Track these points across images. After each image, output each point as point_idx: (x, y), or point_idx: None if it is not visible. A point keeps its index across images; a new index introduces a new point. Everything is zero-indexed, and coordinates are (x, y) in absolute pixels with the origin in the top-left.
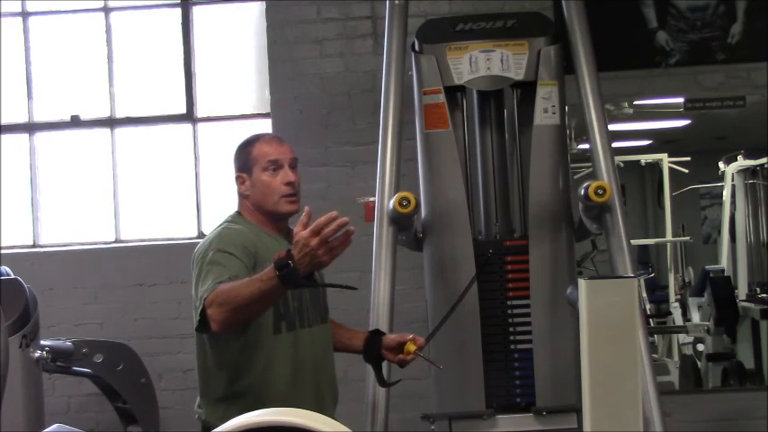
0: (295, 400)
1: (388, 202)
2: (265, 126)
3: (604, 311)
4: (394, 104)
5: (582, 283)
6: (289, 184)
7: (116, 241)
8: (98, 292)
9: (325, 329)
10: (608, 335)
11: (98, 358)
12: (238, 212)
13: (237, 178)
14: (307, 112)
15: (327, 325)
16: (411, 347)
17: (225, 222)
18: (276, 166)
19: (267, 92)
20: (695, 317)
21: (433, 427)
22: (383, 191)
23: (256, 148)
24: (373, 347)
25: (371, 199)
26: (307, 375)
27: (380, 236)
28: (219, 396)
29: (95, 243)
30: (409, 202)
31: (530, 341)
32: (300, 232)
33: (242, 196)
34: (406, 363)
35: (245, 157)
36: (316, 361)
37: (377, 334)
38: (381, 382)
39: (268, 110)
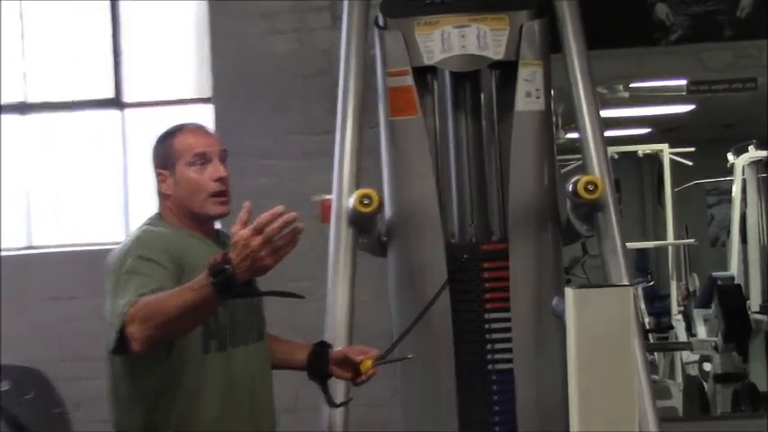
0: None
1: (347, 200)
2: (206, 112)
3: (596, 325)
4: (354, 87)
5: (570, 292)
6: (219, 180)
7: (27, 247)
8: (3, 307)
9: (262, 347)
10: (600, 352)
11: (3, 386)
12: (159, 214)
13: (157, 176)
14: (254, 96)
15: (265, 342)
16: (367, 364)
17: (144, 225)
18: (203, 159)
19: (208, 73)
20: (701, 331)
21: None
22: (341, 187)
23: (179, 140)
24: (319, 362)
25: (328, 197)
26: (241, 401)
27: (338, 239)
28: (137, 430)
29: (2, 249)
30: (371, 200)
31: (510, 360)
32: (240, 231)
33: (163, 196)
34: (365, 381)
35: (166, 150)
36: (252, 384)
37: (322, 346)
38: (330, 402)
39: (209, 94)
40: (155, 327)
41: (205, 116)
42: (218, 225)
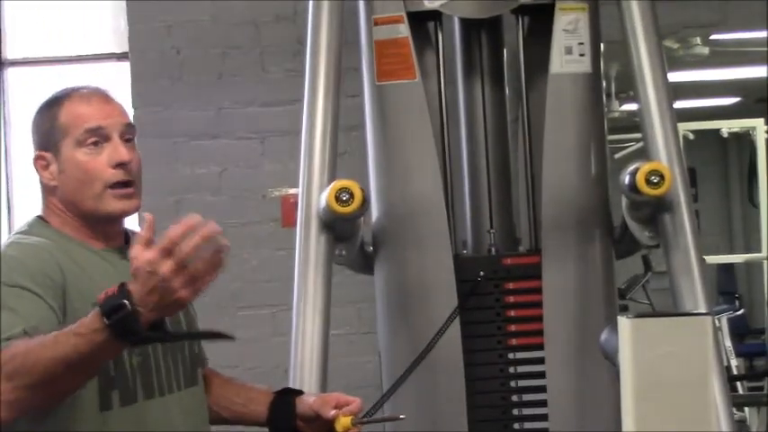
0: None
1: (319, 195)
2: (120, 73)
3: (661, 368)
4: (327, 42)
5: (625, 323)
6: (120, 165)
7: None
8: None
9: (193, 395)
10: (665, 405)
11: None
12: (40, 217)
13: (37, 160)
14: (188, 52)
15: (198, 388)
16: (345, 422)
17: (16, 235)
18: (99, 137)
19: (123, 21)
20: None
21: None
22: (310, 178)
23: (66, 111)
24: (283, 416)
25: (292, 191)
26: None
27: (306, 250)
28: None
29: None
30: (352, 195)
31: (543, 416)
32: (142, 254)
33: (46, 189)
34: None
35: (49, 124)
36: None
37: (287, 395)
38: None
39: (125, 48)
40: (25, 387)
41: (119, 78)
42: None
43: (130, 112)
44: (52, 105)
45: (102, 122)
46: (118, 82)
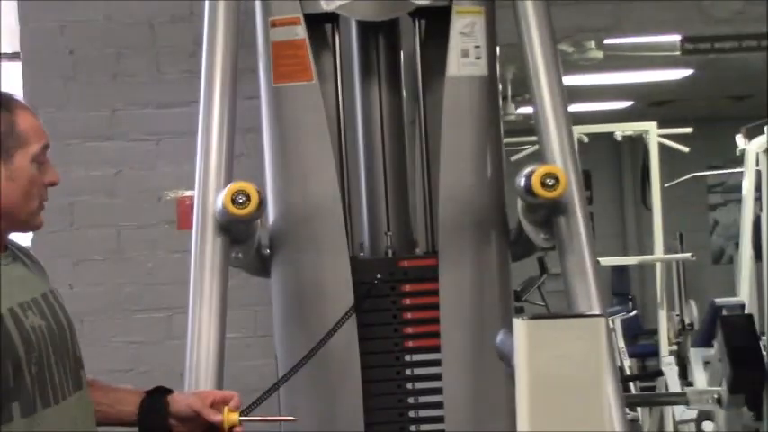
0: None
1: (215, 197)
2: (11, 73)
3: (555, 369)
4: (224, 43)
5: (520, 324)
6: (51, 185)
7: None
8: None
9: (84, 398)
10: (559, 406)
11: None
12: None
13: None
14: (82, 52)
15: (86, 391)
16: (232, 417)
17: None
18: (43, 158)
19: (14, 20)
20: (700, 379)
21: None
22: (206, 180)
23: (23, 120)
24: (153, 416)
25: (187, 193)
26: None
27: (202, 252)
28: None
29: None
30: (248, 197)
31: (440, 417)
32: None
33: None
34: None
35: (8, 128)
36: None
37: (159, 394)
38: None
39: (17, 48)
40: None
41: (10, 78)
42: None
43: None
44: (6, 109)
45: (48, 142)
46: (9, 82)
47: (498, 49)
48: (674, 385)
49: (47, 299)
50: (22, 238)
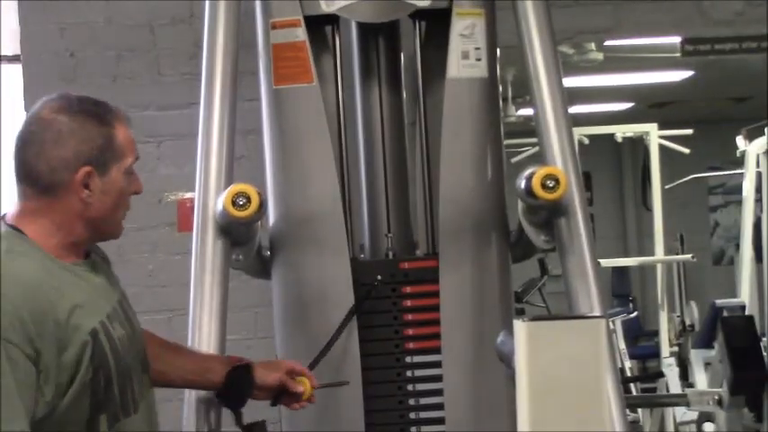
0: None
1: (215, 199)
2: (11, 76)
3: (556, 371)
4: (224, 45)
5: (521, 326)
6: (135, 194)
7: None
8: None
9: (149, 403)
10: (560, 407)
11: None
12: (17, 231)
13: (86, 174)
14: (82, 55)
15: (151, 394)
16: (308, 386)
17: (4, 254)
18: (132, 168)
19: (14, 22)
20: (700, 380)
21: None
22: (207, 182)
23: (120, 134)
24: (238, 388)
25: (188, 195)
26: None
27: (202, 254)
28: None
29: None
30: (249, 199)
31: (441, 419)
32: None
33: (63, 201)
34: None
35: (104, 143)
36: None
37: (246, 367)
38: (248, 427)
39: (17, 50)
40: None
41: (10, 81)
42: None
43: (23, 115)
44: (102, 121)
45: (138, 153)
46: (9, 84)
47: (498, 50)
48: (675, 386)
49: (122, 305)
50: None
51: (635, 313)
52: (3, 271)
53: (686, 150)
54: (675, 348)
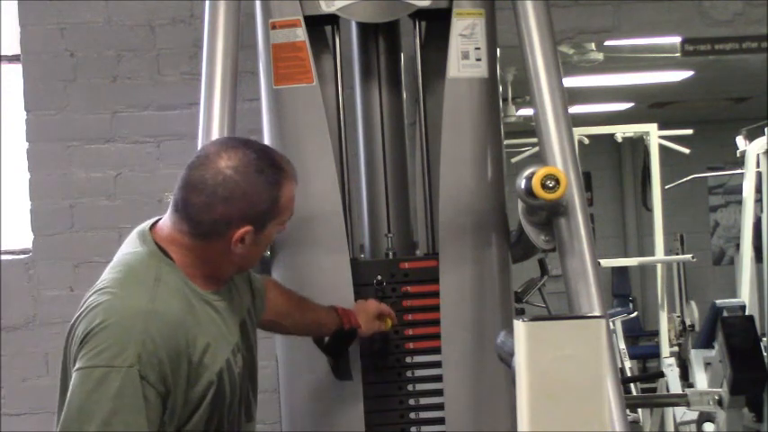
0: None
1: None
2: (11, 75)
3: (556, 371)
4: (224, 45)
5: (521, 326)
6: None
7: None
8: None
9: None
10: (560, 407)
11: None
12: (165, 254)
13: (243, 234)
14: (82, 54)
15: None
16: (389, 324)
17: (150, 279)
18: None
19: (14, 21)
20: (701, 380)
21: None
22: None
23: (285, 194)
24: (345, 342)
25: None
26: None
27: None
28: None
29: None
30: None
31: (441, 419)
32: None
33: (219, 250)
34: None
35: (269, 206)
36: None
37: (350, 333)
38: (346, 373)
39: (17, 50)
40: None
41: (10, 81)
42: None
43: (23, 116)
44: (275, 184)
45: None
46: (10, 85)
47: (498, 50)
48: (675, 386)
49: (245, 326)
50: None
51: (635, 313)
52: (149, 306)
53: (686, 150)
54: (675, 348)
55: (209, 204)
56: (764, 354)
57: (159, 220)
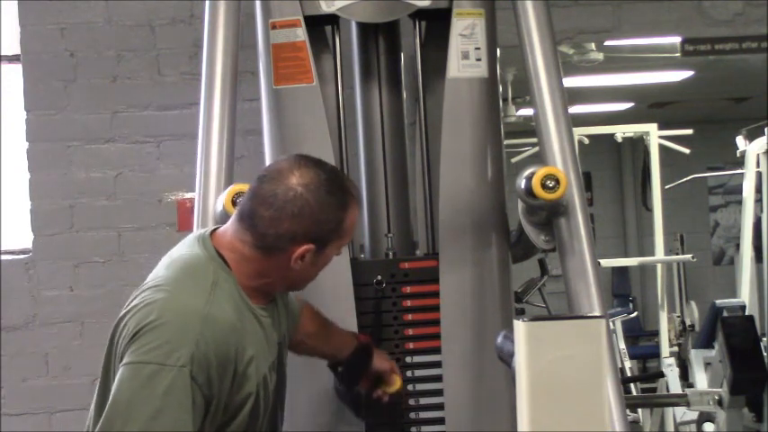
0: None
1: (215, 199)
2: (11, 75)
3: (556, 371)
4: (224, 45)
5: (521, 326)
6: None
7: None
8: None
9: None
10: (561, 407)
11: None
12: (224, 262)
13: (304, 252)
14: (82, 54)
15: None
16: (398, 382)
17: (206, 276)
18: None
19: (14, 21)
20: (701, 380)
21: None
22: (207, 182)
23: (349, 217)
24: (359, 366)
25: (188, 195)
26: None
27: None
28: None
29: None
30: None
31: (441, 419)
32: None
33: (277, 264)
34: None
35: (333, 227)
36: None
37: (367, 353)
38: (367, 407)
39: (17, 50)
40: None
41: (10, 80)
42: None
43: (23, 116)
44: (342, 207)
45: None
46: (10, 85)
47: (498, 50)
48: (675, 386)
49: (282, 346)
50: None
51: (635, 313)
52: (206, 309)
53: (686, 150)
54: (675, 348)
55: (277, 219)
56: (764, 354)
57: (219, 227)
